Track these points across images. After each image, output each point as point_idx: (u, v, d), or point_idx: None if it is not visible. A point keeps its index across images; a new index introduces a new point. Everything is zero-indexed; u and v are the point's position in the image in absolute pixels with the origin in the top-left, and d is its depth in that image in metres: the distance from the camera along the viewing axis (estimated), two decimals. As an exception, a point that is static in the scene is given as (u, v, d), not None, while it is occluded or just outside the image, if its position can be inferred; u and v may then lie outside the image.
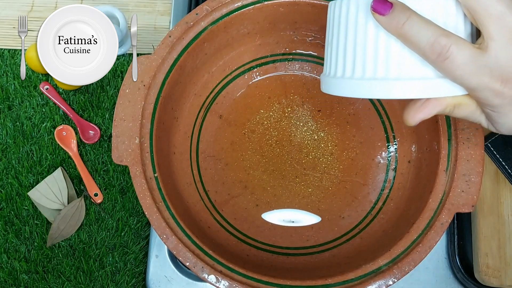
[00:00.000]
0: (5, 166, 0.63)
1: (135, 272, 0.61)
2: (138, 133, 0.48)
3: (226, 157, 0.57)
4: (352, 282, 0.44)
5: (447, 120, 0.48)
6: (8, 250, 0.61)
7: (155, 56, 0.50)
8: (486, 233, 0.54)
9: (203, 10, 0.51)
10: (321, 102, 0.59)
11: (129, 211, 0.62)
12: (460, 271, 0.56)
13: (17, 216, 0.62)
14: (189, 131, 0.57)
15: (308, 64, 0.60)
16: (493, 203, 0.54)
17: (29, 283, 0.60)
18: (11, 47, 0.67)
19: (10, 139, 0.64)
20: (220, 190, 0.56)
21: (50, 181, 0.62)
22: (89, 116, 0.65)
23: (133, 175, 0.47)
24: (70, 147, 0.63)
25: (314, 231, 0.55)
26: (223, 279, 0.44)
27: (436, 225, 0.45)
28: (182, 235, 0.46)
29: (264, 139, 0.58)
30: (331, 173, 0.57)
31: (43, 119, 0.65)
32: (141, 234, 0.62)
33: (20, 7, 0.69)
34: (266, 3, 0.52)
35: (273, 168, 0.57)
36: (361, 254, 0.51)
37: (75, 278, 0.60)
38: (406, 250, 0.45)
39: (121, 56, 0.67)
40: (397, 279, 0.44)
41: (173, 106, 0.54)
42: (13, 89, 0.65)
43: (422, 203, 0.47)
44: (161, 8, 0.69)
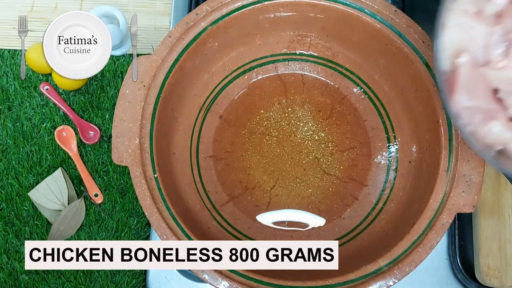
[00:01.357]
0: (5, 167, 0.63)
1: (135, 273, 0.60)
2: (138, 134, 0.48)
3: (226, 158, 0.57)
4: (352, 283, 0.44)
5: (448, 121, 0.48)
6: (8, 251, 0.61)
7: (155, 57, 0.50)
8: (487, 234, 0.54)
9: (203, 10, 0.51)
10: (321, 102, 0.59)
11: (129, 211, 0.62)
12: (461, 271, 0.56)
13: (17, 217, 0.62)
14: (189, 131, 0.57)
15: (308, 64, 0.60)
16: (494, 204, 0.54)
17: (29, 283, 0.60)
18: (11, 47, 0.67)
19: (10, 140, 0.64)
20: (220, 191, 0.56)
21: (50, 181, 0.62)
22: (89, 116, 0.65)
23: (133, 176, 0.47)
24: (70, 148, 0.63)
25: (315, 232, 0.55)
26: (223, 280, 0.44)
27: (436, 226, 0.45)
28: (182, 235, 0.46)
29: (264, 140, 0.58)
30: (331, 173, 0.57)
31: (43, 119, 0.65)
32: (141, 235, 0.62)
33: (20, 8, 0.69)
34: (266, 3, 0.52)
35: (273, 168, 0.57)
36: (361, 254, 0.51)
37: (75, 279, 0.60)
38: (407, 251, 0.45)
39: (121, 56, 0.67)
40: (397, 280, 0.44)
41: (173, 107, 0.53)
42: (13, 90, 0.65)
43: (422, 203, 0.47)
44: (161, 8, 0.69)
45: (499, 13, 0.34)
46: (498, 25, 0.34)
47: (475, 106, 0.34)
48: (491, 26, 0.34)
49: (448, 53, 0.36)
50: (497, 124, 0.34)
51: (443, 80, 0.36)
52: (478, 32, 0.35)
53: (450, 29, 0.35)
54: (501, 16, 0.34)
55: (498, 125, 0.34)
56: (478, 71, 0.34)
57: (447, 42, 0.36)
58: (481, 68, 0.34)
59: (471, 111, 0.35)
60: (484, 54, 0.35)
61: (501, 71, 0.33)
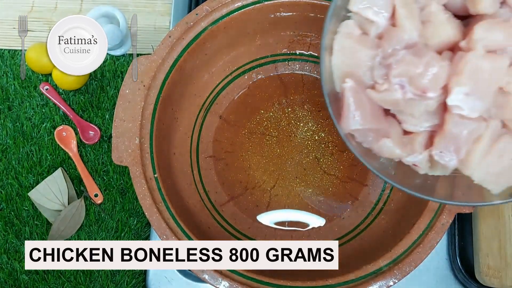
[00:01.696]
0: (5, 167, 0.63)
1: (135, 273, 0.60)
2: (138, 134, 0.48)
3: (226, 158, 0.57)
4: (352, 283, 0.44)
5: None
6: (8, 251, 0.61)
7: (155, 57, 0.50)
8: (486, 234, 0.54)
9: (203, 10, 0.51)
10: (321, 102, 0.59)
11: (129, 211, 0.62)
12: (461, 271, 0.56)
13: (17, 217, 0.62)
14: (189, 131, 0.57)
15: (309, 64, 0.60)
16: (494, 204, 0.54)
17: (29, 283, 0.60)
18: (11, 47, 0.67)
19: (10, 140, 0.64)
20: (220, 191, 0.56)
21: (50, 181, 0.62)
22: (89, 116, 0.65)
23: (133, 176, 0.47)
24: (70, 148, 0.63)
25: (315, 232, 0.55)
26: (224, 280, 0.44)
27: (437, 226, 0.45)
28: (182, 235, 0.46)
29: (264, 140, 0.58)
30: (331, 173, 0.57)
31: (43, 119, 0.65)
32: (141, 235, 0.62)
33: (20, 8, 0.69)
34: (266, 3, 0.52)
35: (273, 168, 0.57)
36: (361, 254, 0.51)
37: (75, 279, 0.60)
38: (407, 251, 0.45)
39: (121, 56, 0.67)
40: (397, 280, 0.44)
41: (173, 107, 0.53)
42: (13, 90, 0.65)
43: (423, 203, 0.47)
44: (161, 8, 0.69)
45: (380, 35, 0.35)
46: (379, 48, 0.34)
47: (364, 128, 0.35)
48: (374, 49, 0.35)
49: (336, 76, 0.36)
50: (388, 141, 0.35)
51: (330, 103, 0.36)
52: (363, 55, 0.35)
53: (336, 53, 0.36)
54: (381, 38, 0.35)
55: (389, 142, 0.35)
56: (365, 93, 0.34)
57: (334, 66, 0.36)
58: (367, 91, 0.34)
59: (361, 132, 0.35)
60: (369, 76, 0.35)
61: (384, 94, 0.34)
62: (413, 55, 0.32)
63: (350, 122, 0.34)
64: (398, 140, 0.36)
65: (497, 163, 0.34)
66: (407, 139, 0.36)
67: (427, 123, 0.35)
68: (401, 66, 0.32)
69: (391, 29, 0.34)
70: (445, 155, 0.34)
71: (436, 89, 0.32)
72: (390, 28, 0.34)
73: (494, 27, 0.31)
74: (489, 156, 0.34)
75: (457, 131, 0.33)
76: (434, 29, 0.33)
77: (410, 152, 0.36)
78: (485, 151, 0.33)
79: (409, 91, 0.32)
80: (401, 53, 0.33)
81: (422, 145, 0.35)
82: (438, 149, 0.34)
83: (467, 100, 0.31)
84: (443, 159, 0.34)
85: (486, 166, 0.34)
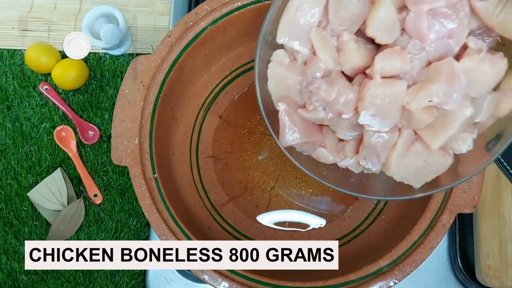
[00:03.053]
0: (4, 167, 0.63)
1: (135, 273, 0.60)
2: (137, 134, 0.48)
3: (226, 158, 0.57)
4: (353, 283, 0.44)
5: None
6: (8, 251, 0.61)
7: (155, 56, 0.50)
8: (487, 234, 0.54)
9: (202, 10, 0.51)
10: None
11: (128, 212, 0.62)
12: (462, 272, 0.56)
13: (16, 217, 0.62)
14: (188, 131, 0.57)
15: (309, 64, 0.59)
16: (494, 204, 0.54)
17: (29, 284, 0.60)
18: (11, 47, 0.67)
19: (9, 140, 0.64)
20: (220, 191, 0.56)
21: (49, 181, 0.62)
22: (89, 116, 0.65)
23: (133, 176, 0.47)
24: (69, 148, 0.63)
25: (315, 232, 0.55)
26: (223, 280, 0.44)
27: (437, 226, 0.45)
28: (181, 236, 0.46)
29: (264, 140, 0.58)
30: (331, 173, 0.57)
31: (42, 119, 0.64)
32: (140, 235, 0.62)
33: (20, 8, 0.69)
34: (266, 3, 0.51)
35: (273, 168, 0.57)
36: (362, 255, 0.50)
37: (75, 279, 0.60)
38: (407, 251, 0.45)
39: (120, 56, 0.66)
40: (398, 280, 0.44)
41: (172, 107, 0.53)
42: (12, 90, 0.65)
43: (423, 203, 0.47)
44: (161, 8, 0.69)
45: (306, 61, 0.39)
46: (304, 75, 0.39)
47: (299, 142, 0.40)
48: (301, 75, 0.39)
49: (273, 98, 0.41)
50: (323, 150, 0.41)
51: (270, 121, 0.41)
52: (292, 81, 0.40)
53: (270, 79, 0.40)
54: (306, 65, 0.39)
55: (324, 150, 0.41)
56: (297, 113, 0.40)
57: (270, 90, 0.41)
58: (299, 110, 0.40)
59: (298, 145, 0.40)
60: (300, 98, 0.40)
61: (312, 113, 0.39)
62: (327, 83, 0.37)
63: (287, 138, 0.40)
64: (332, 148, 0.42)
65: (412, 164, 0.38)
66: (340, 146, 0.42)
67: (354, 132, 0.40)
68: (319, 93, 0.37)
69: (312, 58, 0.39)
70: (368, 161, 0.39)
71: (349, 111, 0.37)
72: (311, 57, 0.39)
73: (392, 56, 0.35)
74: (405, 159, 0.38)
75: (374, 141, 0.38)
76: (345, 57, 0.37)
77: (343, 157, 0.41)
78: (401, 156, 0.38)
79: (330, 112, 0.38)
80: (318, 82, 0.38)
81: (351, 151, 0.41)
82: (362, 156, 0.39)
83: (375, 120, 0.36)
84: (367, 164, 0.39)
85: (404, 167, 0.39)
